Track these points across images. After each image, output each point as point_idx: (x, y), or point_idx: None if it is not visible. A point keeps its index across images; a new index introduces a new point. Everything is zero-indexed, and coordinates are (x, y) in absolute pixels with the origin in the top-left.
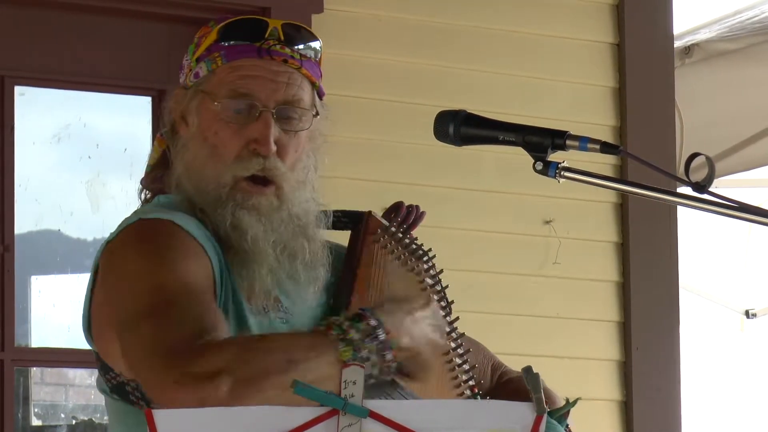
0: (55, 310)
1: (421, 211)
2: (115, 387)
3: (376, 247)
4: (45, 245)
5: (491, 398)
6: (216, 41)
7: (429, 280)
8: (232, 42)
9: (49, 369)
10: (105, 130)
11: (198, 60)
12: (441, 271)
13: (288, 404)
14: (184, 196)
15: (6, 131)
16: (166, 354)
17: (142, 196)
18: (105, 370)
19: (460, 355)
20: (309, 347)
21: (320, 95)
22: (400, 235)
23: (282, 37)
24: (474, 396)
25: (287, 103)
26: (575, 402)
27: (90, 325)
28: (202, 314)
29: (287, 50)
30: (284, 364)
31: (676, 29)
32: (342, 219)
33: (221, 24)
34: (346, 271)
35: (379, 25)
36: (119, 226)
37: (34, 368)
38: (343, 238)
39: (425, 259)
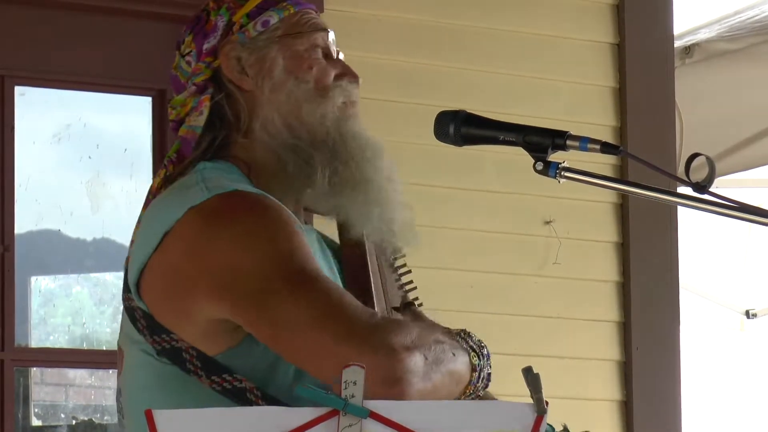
0: (55, 310)
1: None
2: (165, 350)
3: (367, 243)
4: (45, 245)
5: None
6: None
7: (402, 279)
8: None
9: (49, 369)
10: (105, 130)
11: (251, 15)
12: (410, 271)
13: (453, 395)
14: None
15: (6, 131)
16: (355, 325)
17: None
18: (154, 331)
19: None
20: (455, 346)
21: None
22: None
23: None
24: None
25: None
26: None
27: (140, 285)
28: (342, 288)
29: None
30: (451, 355)
31: (677, 29)
32: None
33: None
34: (359, 283)
35: (379, 25)
36: (197, 189)
37: (34, 368)
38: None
39: (393, 258)
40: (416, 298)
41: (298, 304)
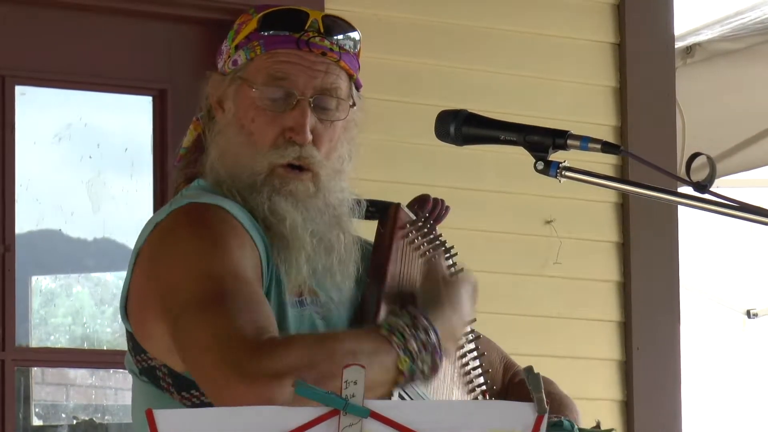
0: (56, 309)
1: (446, 205)
2: (145, 369)
3: (404, 242)
4: (46, 245)
5: (501, 399)
6: (256, 30)
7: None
8: (271, 32)
9: (49, 369)
10: (106, 130)
11: (237, 47)
12: (462, 269)
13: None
14: (219, 181)
15: (7, 131)
16: (231, 350)
17: (176, 179)
18: (137, 351)
19: (476, 358)
20: (372, 352)
21: (357, 87)
22: (426, 230)
23: (321, 29)
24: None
25: (324, 91)
26: (610, 431)
27: (127, 305)
28: (258, 307)
29: (326, 42)
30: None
31: (678, 29)
32: (370, 209)
33: (262, 13)
34: (376, 267)
35: (379, 25)
36: (167, 206)
37: (35, 368)
38: (367, 227)
39: (447, 255)
40: None
41: (197, 327)
